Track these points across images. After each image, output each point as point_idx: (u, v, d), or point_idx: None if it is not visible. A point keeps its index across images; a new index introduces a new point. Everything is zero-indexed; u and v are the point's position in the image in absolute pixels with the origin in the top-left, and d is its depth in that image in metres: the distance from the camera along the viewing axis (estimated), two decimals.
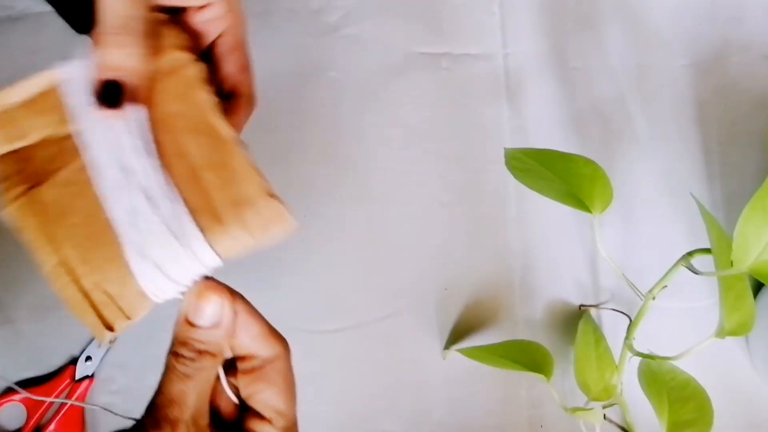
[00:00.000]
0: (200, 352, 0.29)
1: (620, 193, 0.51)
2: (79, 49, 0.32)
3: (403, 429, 0.53)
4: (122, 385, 0.52)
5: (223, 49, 0.37)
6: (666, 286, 0.45)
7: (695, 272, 0.43)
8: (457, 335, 0.54)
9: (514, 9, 0.58)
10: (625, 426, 0.48)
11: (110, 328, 0.31)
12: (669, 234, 0.55)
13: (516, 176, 0.48)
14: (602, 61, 0.57)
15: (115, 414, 0.51)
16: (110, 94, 0.30)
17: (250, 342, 0.31)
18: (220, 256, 0.31)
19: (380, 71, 0.56)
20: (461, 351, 0.49)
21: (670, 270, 0.45)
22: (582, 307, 0.54)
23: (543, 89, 0.57)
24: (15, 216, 0.31)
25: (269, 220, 0.31)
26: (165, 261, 0.30)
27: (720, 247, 0.39)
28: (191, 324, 0.30)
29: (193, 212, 0.30)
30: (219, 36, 0.36)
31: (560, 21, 0.58)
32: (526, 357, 0.49)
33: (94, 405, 0.50)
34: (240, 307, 0.31)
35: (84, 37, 0.33)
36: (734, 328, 0.40)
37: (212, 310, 0.30)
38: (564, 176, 0.47)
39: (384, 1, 0.57)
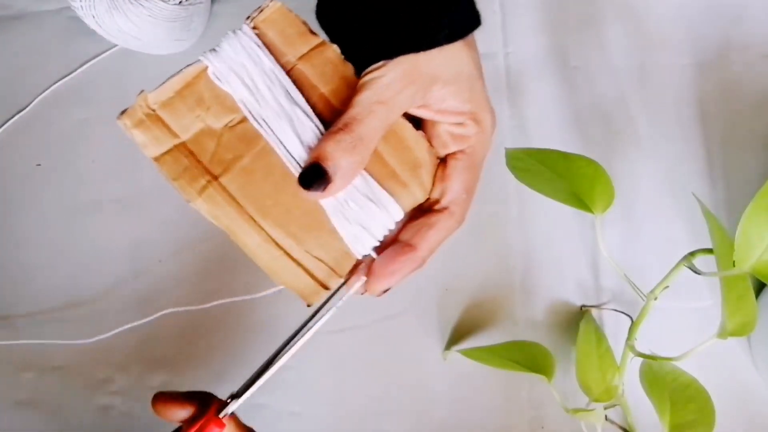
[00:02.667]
0: None
1: (622, 192, 0.51)
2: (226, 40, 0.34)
3: (404, 429, 0.52)
4: (122, 386, 0.52)
5: (458, 164, 0.37)
6: (668, 286, 0.45)
7: (697, 272, 0.43)
8: (457, 335, 0.53)
9: (515, 8, 0.57)
10: (626, 427, 0.48)
11: (325, 287, 0.35)
12: (671, 234, 0.55)
13: (517, 176, 0.48)
14: (603, 60, 0.57)
15: None
16: (311, 176, 0.32)
17: None
18: (403, 210, 0.36)
19: None
20: (462, 351, 0.49)
21: (671, 270, 0.44)
22: (583, 308, 0.54)
23: (544, 88, 0.57)
24: (206, 206, 0.33)
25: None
26: (367, 221, 0.35)
27: (722, 247, 0.39)
28: None
29: (378, 179, 0.35)
30: (460, 151, 0.37)
31: (561, 20, 0.58)
32: (527, 358, 0.48)
33: None
34: None
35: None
36: (736, 328, 0.39)
37: None
38: (565, 176, 0.46)
39: None
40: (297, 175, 0.33)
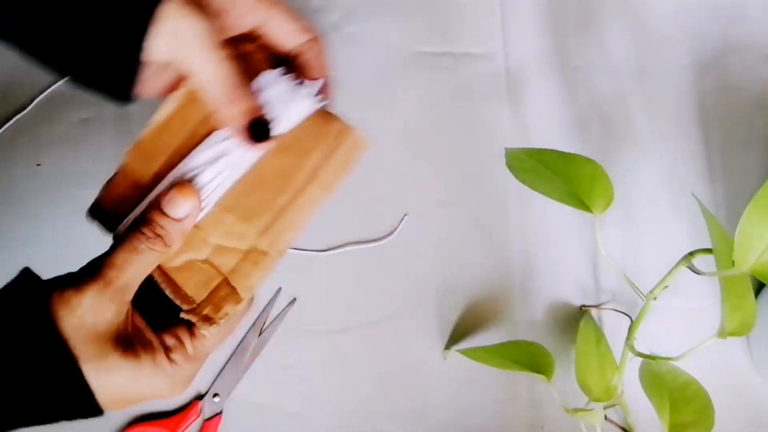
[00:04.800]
0: (157, 236, 0.34)
1: (621, 192, 0.51)
2: None
3: (403, 429, 0.52)
4: None
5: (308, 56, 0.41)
6: (667, 286, 0.45)
7: (697, 272, 0.43)
8: (457, 335, 0.54)
9: (515, 9, 0.57)
10: (626, 427, 0.48)
11: None
12: (670, 234, 0.55)
13: (516, 176, 0.48)
14: (603, 60, 0.57)
15: None
16: (261, 130, 0.36)
17: None
18: None
19: (381, 71, 0.56)
20: (462, 351, 0.49)
21: (671, 270, 0.45)
22: (583, 308, 0.54)
23: (544, 89, 0.57)
24: None
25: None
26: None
27: (721, 247, 0.39)
28: (163, 213, 0.35)
29: None
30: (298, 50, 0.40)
31: (561, 21, 0.58)
32: (527, 357, 0.48)
33: None
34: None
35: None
36: (735, 328, 0.39)
37: (187, 207, 0.35)
38: (565, 176, 0.47)
39: (385, 0, 0.57)
40: None
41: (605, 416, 0.47)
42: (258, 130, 0.36)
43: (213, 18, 0.35)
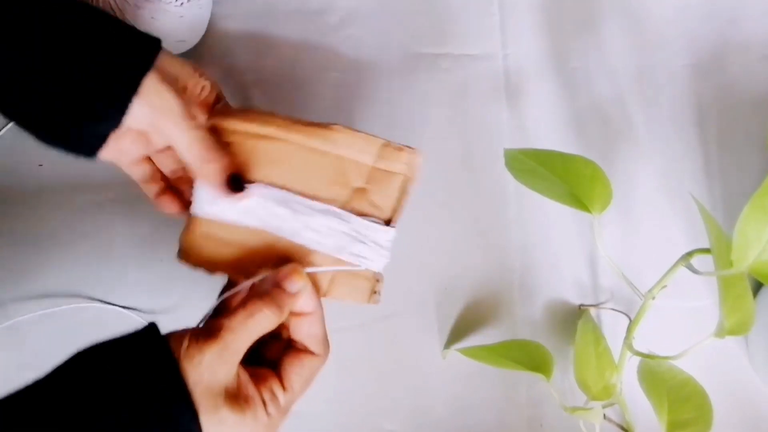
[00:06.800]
0: (277, 307, 0.38)
1: (620, 193, 0.51)
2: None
3: (403, 429, 0.53)
4: None
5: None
6: (666, 285, 0.46)
7: (695, 272, 0.43)
8: (457, 335, 0.54)
9: (514, 9, 0.58)
10: (624, 425, 0.49)
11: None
12: (668, 234, 0.55)
13: (516, 176, 0.48)
14: (602, 61, 0.57)
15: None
16: (236, 183, 0.41)
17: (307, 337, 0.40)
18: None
19: (380, 71, 0.56)
20: (461, 351, 0.49)
21: (669, 270, 0.45)
22: (582, 307, 0.54)
23: (543, 89, 0.57)
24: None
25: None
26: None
27: (719, 246, 0.39)
28: (281, 287, 0.38)
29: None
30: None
31: (560, 21, 0.58)
32: (526, 356, 0.49)
33: None
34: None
35: None
36: (734, 327, 0.40)
37: (301, 283, 0.39)
38: (564, 176, 0.47)
39: (384, 2, 0.57)
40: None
41: (604, 415, 0.48)
42: (235, 183, 0.41)
43: (181, 93, 0.39)
